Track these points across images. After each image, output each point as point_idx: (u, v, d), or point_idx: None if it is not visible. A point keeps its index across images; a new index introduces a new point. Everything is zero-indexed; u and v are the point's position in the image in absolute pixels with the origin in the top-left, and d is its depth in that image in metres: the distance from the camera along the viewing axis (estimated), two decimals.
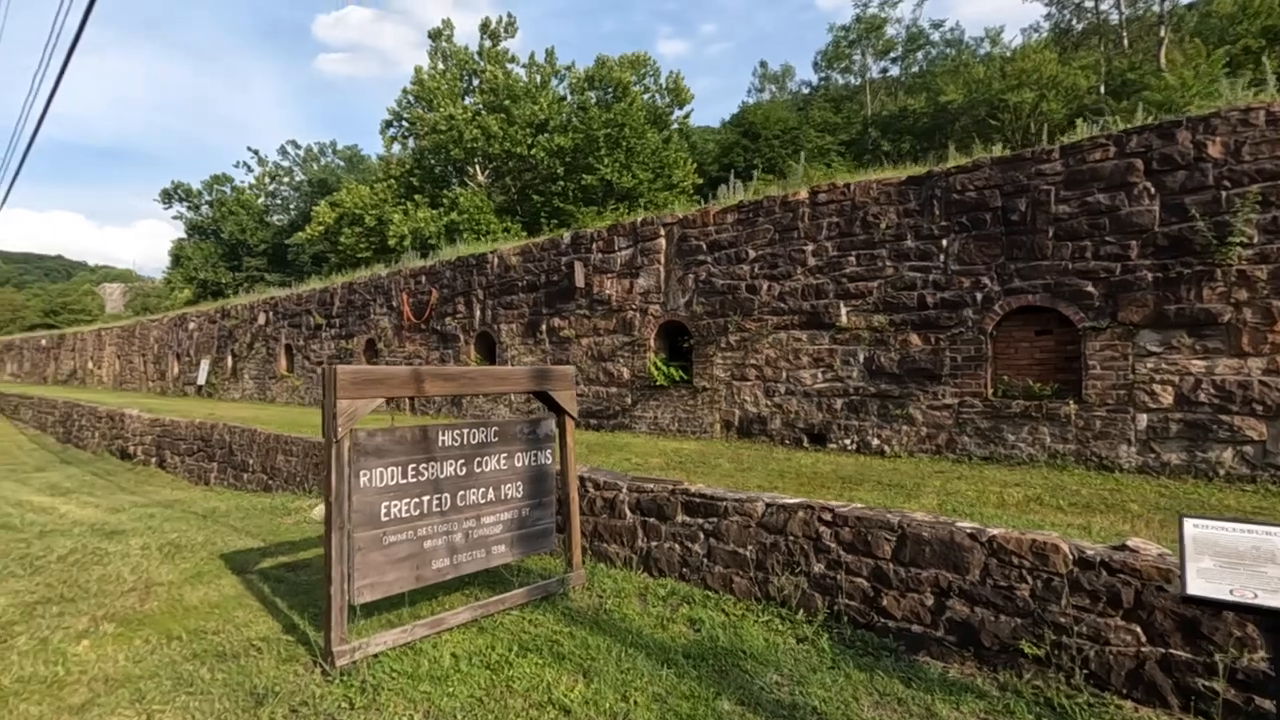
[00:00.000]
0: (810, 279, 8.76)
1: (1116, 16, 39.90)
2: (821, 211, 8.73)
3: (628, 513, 5.71)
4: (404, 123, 36.32)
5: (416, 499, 4.33)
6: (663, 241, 10.37)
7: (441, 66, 35.42)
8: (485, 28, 35.45)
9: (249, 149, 71.13)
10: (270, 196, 53.97)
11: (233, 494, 10.47)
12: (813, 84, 51.92)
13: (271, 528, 7.77)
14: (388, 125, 36.93)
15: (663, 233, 10.37)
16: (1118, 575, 3.53)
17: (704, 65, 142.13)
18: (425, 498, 4.38)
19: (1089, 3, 41.56)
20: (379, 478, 4.14)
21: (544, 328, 11.98)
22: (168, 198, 52.44)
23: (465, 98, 34.61)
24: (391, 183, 34.45)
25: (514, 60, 35.63)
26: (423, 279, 14.61)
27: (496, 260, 12.96)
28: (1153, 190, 6.49)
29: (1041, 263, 7.09)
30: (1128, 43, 41.05)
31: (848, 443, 8.37)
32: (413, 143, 36.55)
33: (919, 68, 46.77)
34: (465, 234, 27.19)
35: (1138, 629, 3.46)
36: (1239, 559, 2.58)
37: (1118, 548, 3.66)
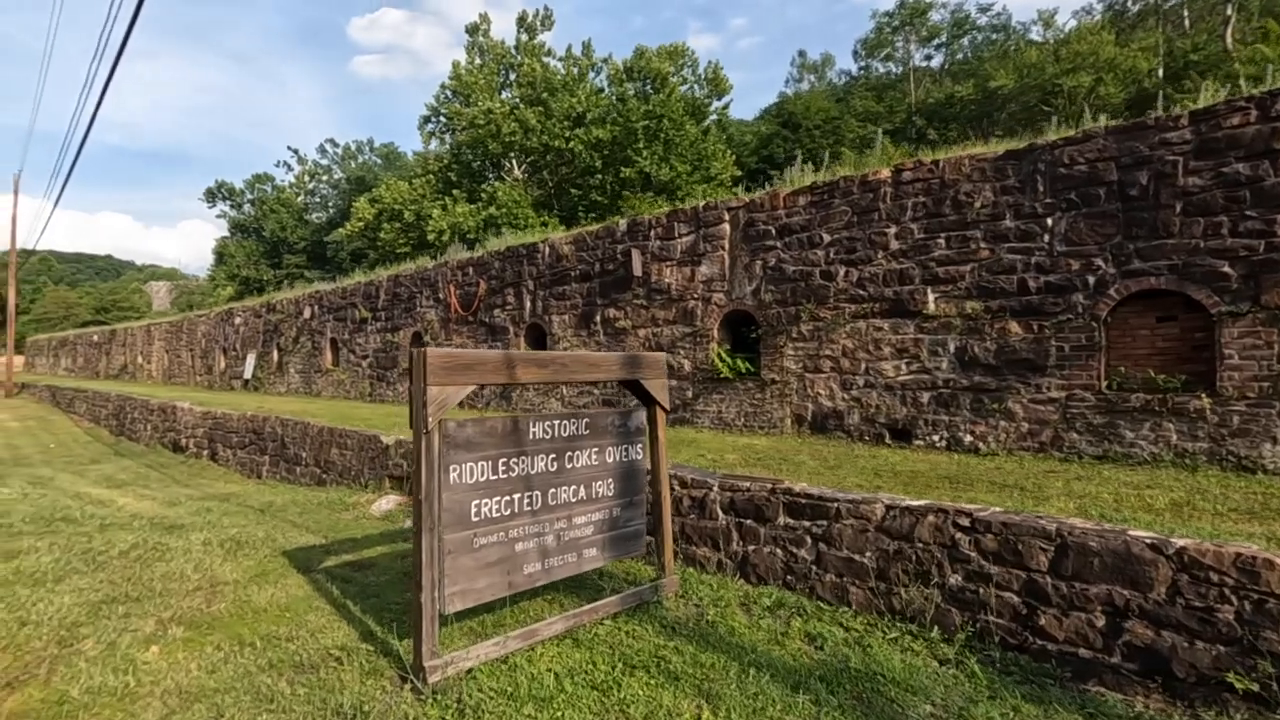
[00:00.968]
0: (893, 264, 8.16)
1: None
2: (905, 191, 8.12)
3: (719, 513, 5.23)
4: (442, 118, 36.32)
5: (507, 497, 3.92)
6: (727, 227, 9.85)
7: (479, 61, 35.32)
8: (522, 21, 35.24)
9: (289, 148, 72.53)
10: (309, 195, 54.78)
11: (287, 488, 10.28)
12: (852, 73, 50.73)
13: (331, 523, 7.49)
14: (426, 120, 37.00)
15: (727, 217, 9.85)
16: None
17: (734, 60, 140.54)
18: (516, 496, 3.97)
19: None
20: (469, 473, 3.74)
21: (598, 318, 11.56)
22: (211, 196, 53.58)
23: (503, 92, 34.45)
24: (430, 178, 34.47)
25: (550, 54, 35.37)
26: (470, 270, 14.32)
27: (548, 250, 12.58)
28: None
29: (1166, 241, 6.39)
30: (1189, 23, 39.15)
31: (936, 439, 7.76)
32: (450, 138, 36.54)
33: (964, 54, 45.29)
34: (503, 228, 26.98)
35: None
36: None
37: None
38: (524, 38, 35.10)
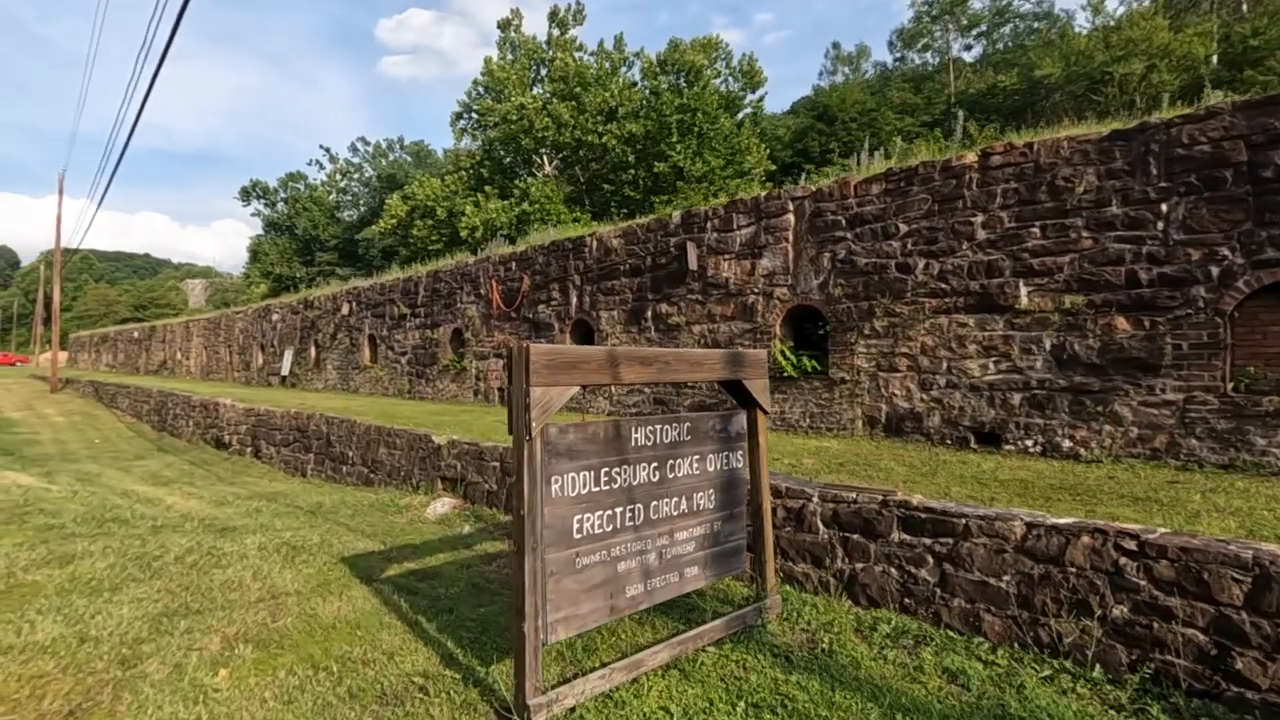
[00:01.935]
0: (979, 255, 7.58)
1: None
2: (994, 177, 7.53)
3: (820, 526, 4.76)
4: (474, 114, 36.20)
5: (609, 511, 3.50)
6: (791, 218, 9.33)
7: (510, 57, 35.10)
8: (554, 16, 34.93)
9: (321, 146, 73.43)
10: (341, 193, 55.26)
11: (333, 487, 10.03)
12: (886, 65, 49.56)
13: (386, 527, 7.17)
14: (458, 117, 36.92)
15: (791, 208, 9.33)
16: None
17: (761, 55, 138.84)
18: (618, 509, 3.54)
19: None
20: (570, 485, 3.32)
21: (649, 314, 11.12)
22: (246, 195, 54.31)
23: (534, 87, 34.19)
24: (462, 175, 34.36)
25: (582, 49, 35.01)
26: (513, 265, 13.98)
27: (595, 243, 12.17)
28: None
29: None
30: (1246, 6, 37.43)
31: (1029, 444, 7.18)
32: (482, 134, 36.41)
33: (1004, 44, 43.91)
34: (535, 224, 26.69)
35: None
36: None
37: None
38: (556, 32, 34.80)
